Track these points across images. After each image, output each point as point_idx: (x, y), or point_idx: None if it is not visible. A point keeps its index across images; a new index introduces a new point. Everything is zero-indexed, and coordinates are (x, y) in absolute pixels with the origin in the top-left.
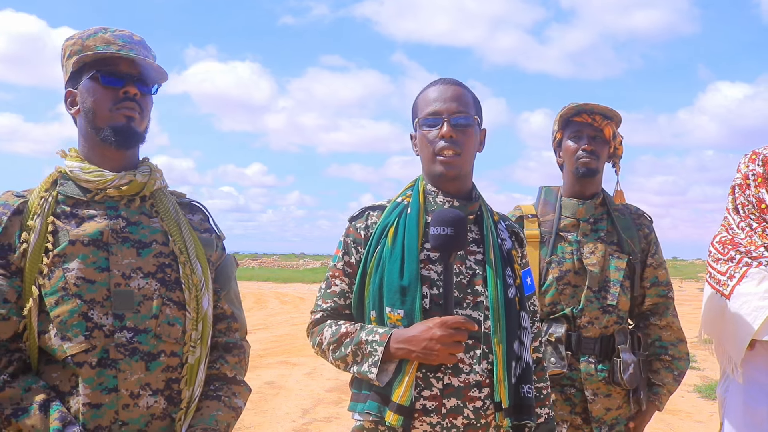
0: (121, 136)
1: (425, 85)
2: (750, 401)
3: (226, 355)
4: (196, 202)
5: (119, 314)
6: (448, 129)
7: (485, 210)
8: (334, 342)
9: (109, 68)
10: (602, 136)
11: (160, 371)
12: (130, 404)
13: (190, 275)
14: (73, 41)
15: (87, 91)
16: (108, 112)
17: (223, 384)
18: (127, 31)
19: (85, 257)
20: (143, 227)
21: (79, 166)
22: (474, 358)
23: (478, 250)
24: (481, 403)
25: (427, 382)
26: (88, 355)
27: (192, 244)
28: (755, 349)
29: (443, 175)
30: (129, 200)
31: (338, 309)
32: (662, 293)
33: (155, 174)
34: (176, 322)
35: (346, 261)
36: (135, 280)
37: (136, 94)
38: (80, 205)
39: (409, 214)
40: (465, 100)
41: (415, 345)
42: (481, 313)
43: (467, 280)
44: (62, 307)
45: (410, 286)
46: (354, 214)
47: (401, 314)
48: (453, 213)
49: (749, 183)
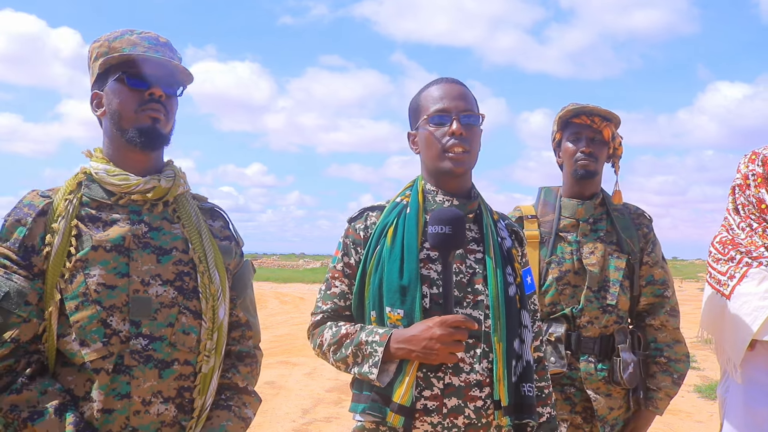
0: (147, 138)
1: (424, 84)
2: (750, 401)
3: (238, 364)
4: (218, 208)
5: (136, 321)
6: (459, 126)
7: (484, 209)
8: (334, 343)
9: (135, 70)
10: (601, 137)
11: (172, 379)
12: (141, 411)
13: (208, 285)
14: (100, 43)
15: (113, 92)
16: (133, 113)
17: (234, 394)
18: (154, 33)
19: (106, 263)
20: (164, 233)
21: (105, 168)
22: (474, 357)
23: (478, 249)
24: (482, 403)
25: (427, 382)
26: (105, 362)
27: (212, 252)
28: (756, 349)
29: (451, 171)
30: (152, 204)
31: (338, 310)
32: (658, 292)
33: (179, 179)
34: (191, 331)
35: (346, 262)
36: (153, 287)
37: (162, 96)
38: (104, 208)
39: (408, 213)
40: (470, 99)
41: (415, 345)
42: (482, 311)
43: (467, 279)
44: (82, 312)
45: (410, 285)
46: (353, 215)
47: (401, 314)
48: (451, 212)
49: (749, 183)
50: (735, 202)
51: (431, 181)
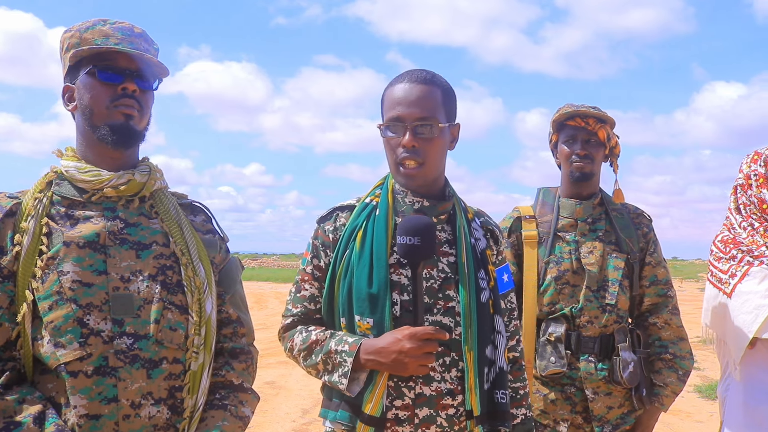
0: (119, 135)
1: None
2: (750, 400)
3: (232, 361)
4: (198, 203)
5: (118, 319)
6: (410, 139)
7: (458, 208)
8: (304, 349)
9: (107, 63)
10: (596, 139)
11: (162, 379)
12: (131, 414)
13: (193, 277)
14: (71, 33)
15: (84, 86)
16: (105, 109)
17: (230, 392)
18: (128, 23)
19: (80, 259)
20: (143, 228)
21: (75, 165)
22: (445, 366)
23: (451, 252)
24: (454, 411)
25: (399, 392)
26: (83, 364)
27: (194, 244)
28: (756, 347)
29: (404, 185)
30: (128, 201)
31: (309, 314)
32: (661, 292)
33: (155, 174)
34: (178, 327)
35: (315, 264)
36: (135, 283)
37: (135, 91)
38: (76, 206)
39: (377, 216)
40: (430, 103)
41: (384, 357)
42: (453, 318)
43: (438, 285)
44: (56, 312)
45: (379, 294)
46: (322, 214)
47: (371, 323)
48: (420, 221)
49: (751, 183)
50: (737, 202)
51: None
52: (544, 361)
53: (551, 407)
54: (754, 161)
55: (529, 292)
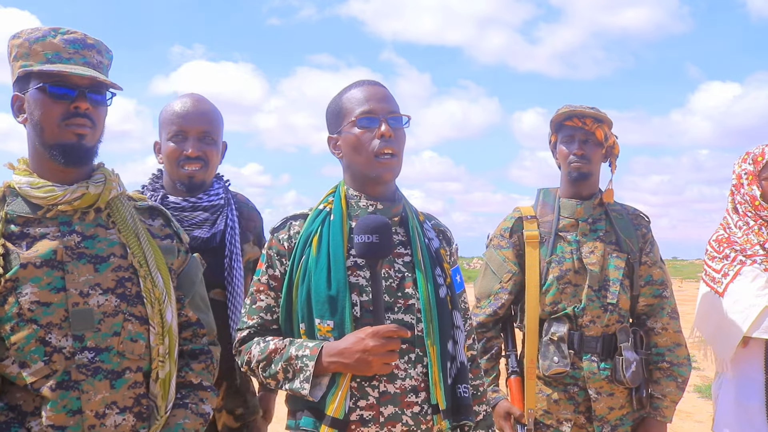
0: (70, 156)
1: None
2: (742, 397)
3: (192, 362)
4: (156, 206)
5: (79, 335)
6: (387, 128)
7: (409, 211)
8: (263, 360)
9: (58, 79)
10: (594, 139)
11: (126, 388)
12: (96, 425)
13: (152, 289)
14: (20, 42)
15: (35, 102)
16: (57, 128)
17: (190, 391)
18: (80, 33)
19: (38, 280)
20: (100, 240)
21: (28, 180)
22: (409, 362)
23: (406, 252)
24: (419, 408)
25: (362, 392)
26: (48, 380)
27: (152, 255)
28: (748, 345)
29: (380, 178)
30: (83, 213)
31: (265, 324)
32: (657, 293)
33: (110, 183)
34: (139, 338)
35: (271, 274)
36: (94, 297)
37: (88, 109)
38: (31, 223)
39: (332, 221)
40: (394, 101)
41: (347, 357)
42: (413, 315)
43: (396, 284)
44: (18, 333)
45: (339, 295)
46: (276, 225)
47: (331, 325)
48: (377, 220)
49: (742, 182)
50: (734, 202)
51: (354, 185)
52: (547, 361)
53: (554, 407)
54: (743, 161)
55: (532, 291)
